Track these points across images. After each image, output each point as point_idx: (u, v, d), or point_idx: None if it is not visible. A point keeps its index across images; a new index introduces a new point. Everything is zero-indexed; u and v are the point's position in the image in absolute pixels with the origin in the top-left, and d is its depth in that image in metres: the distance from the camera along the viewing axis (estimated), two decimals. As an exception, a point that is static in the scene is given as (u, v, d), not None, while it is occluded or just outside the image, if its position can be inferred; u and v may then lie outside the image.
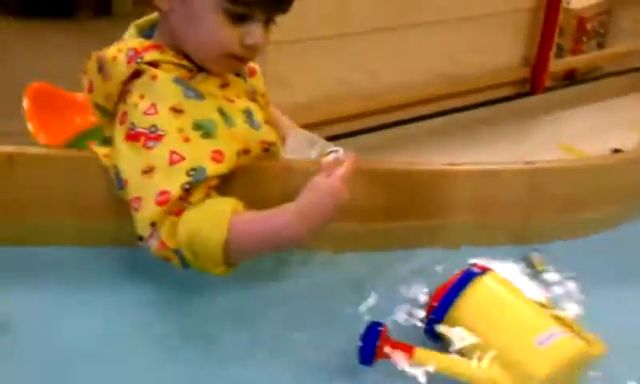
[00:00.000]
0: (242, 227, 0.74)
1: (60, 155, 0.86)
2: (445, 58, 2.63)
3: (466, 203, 0.89)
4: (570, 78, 3.21)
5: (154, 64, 0.81)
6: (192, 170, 0.76)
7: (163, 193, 0.75)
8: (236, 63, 0.85)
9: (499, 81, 2.80)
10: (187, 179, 0.75)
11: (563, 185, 0.93)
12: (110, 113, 0.85)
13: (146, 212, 0.75)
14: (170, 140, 0.77)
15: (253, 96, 0.91)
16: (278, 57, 2.12)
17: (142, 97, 0.79)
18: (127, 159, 0.78)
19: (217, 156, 0.78)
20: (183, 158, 0.76)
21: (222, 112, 0.82)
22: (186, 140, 0.78)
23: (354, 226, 0.87)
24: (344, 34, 2.33)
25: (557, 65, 3.00)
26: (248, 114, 0.86)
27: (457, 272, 0.77)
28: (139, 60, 0.80)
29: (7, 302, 0.76)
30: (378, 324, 0.71)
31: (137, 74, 0.81)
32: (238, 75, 0.90)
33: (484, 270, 0.76)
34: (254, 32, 0.81)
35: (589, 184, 0.94)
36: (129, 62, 0.80)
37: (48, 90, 1.46)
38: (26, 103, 1.38)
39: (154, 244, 0.75)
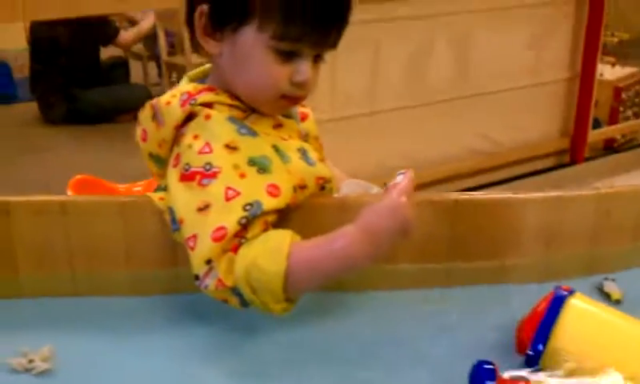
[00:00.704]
0: (301, 255, 0.71)
1: (113, 201, 0.84)
2: (482, 131, 2.63)
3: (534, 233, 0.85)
4: (609, 147, 3.18)
5: (207, 105, 0.81)
6: (248, 204, 0.74)
7: (219, 229, 0.72)
8: (287, 103, 0.84)
9: (539, 153, 2.79)
10: (243, 214, 0.73)
11: (633, 210, 0.88)
12: (163, 161, 0.84)
13: (202, 249, 0.73)
14: (225, 176, 0.75)
15: (305, 138, 0.90)
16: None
17: (195, 137, 0.79)
18: (182, 199, 0.77)
19: (273, 190, 0.76)
20: (239, 194, 0.74)
21: (276, 148, 0.81)
22: (242, 176, 0.76)
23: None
24: (375, 112, 2.36)
25: (595, 135, 2.98)
26: (302, 151, 0.84)
27: (540, 300, 0.70)
28: (193, 102, 0.80)
29: (64, 352, 0.73)
30: (487, 362, 0.63)
31: (191, 117, 0.80)
32: (289, 117, 0.89)
33: (570, 291, 0.70)
34: (302, 69, 0.79)
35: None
36: (182, 105, 0.80)
37: (90, 181, 1.49)
38: (69, 193, 1.41)
39: (211, 283, 0.72)
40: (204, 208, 0.74)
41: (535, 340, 0.67)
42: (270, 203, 0.75)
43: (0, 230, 0.80)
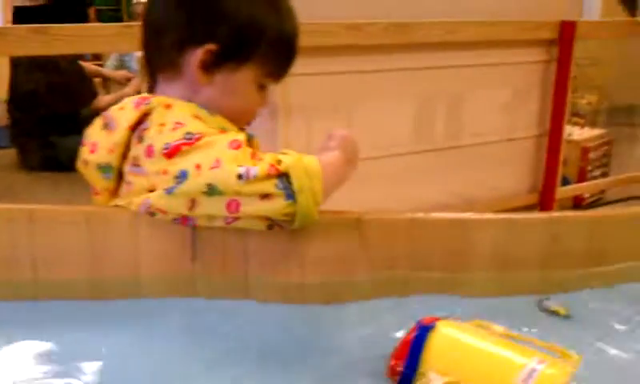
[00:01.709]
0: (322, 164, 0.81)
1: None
2: (458, 181, 2.69)
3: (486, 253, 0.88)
4: (578, 204, 3.26)
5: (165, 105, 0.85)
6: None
7: (234, 141, 0.79)
8: (247, 125, 0.95)
9: (509, 205, 2.84)
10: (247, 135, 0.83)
11: (582, 237, 0.92)
12: (113, 170, 0.87)
13: (229, 158, 0.76)
14: (209, 135, 0.80)
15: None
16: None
17: (162, 125, 0.82)
18: (181, 165, 0.78)
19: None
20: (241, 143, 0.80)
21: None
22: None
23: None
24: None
25: (563, 192, 3.05)
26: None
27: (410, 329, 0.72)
28: (147, 102, 0.85)
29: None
30: None
31: (147, 116, 0.84)
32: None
33: (435, 321, 0.72)
34: (266, 96, 0.95)
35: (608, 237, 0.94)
36: (136, 107, 0.85)
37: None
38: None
39: (259, 170, 0.76)
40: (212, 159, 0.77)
41: (405, 369, 0.69)
42: None
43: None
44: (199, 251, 0.83)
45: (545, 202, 2.92)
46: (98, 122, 0.88)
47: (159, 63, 0.92)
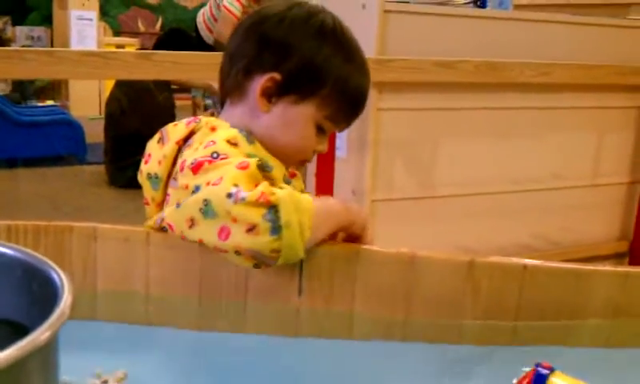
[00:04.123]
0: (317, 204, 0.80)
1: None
2: (542, 223, 2.63)
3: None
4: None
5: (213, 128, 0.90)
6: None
7: (243, 161, 0.79)
8: (302, 163, 0.99)
9: (596, 252, 2.76)
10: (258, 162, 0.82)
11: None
12: (160, 180, 0.90)
13: (230, 176, 0.76)
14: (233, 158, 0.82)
15: None
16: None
17: (200, 143, 0.86)
18: (198, 181, 0.80)
19: None
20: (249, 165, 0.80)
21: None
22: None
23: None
24: (428, 197, 2.40)
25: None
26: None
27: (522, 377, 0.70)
28: (197, 121, 0.90)
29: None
30: None
31: (192, 136, 0.90)
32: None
33: (550, 369, 0.69)
34: (325, 142, 0.98)
35: None
36: (187, 125, 0.91)
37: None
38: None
39: (248, 195, 0.74)
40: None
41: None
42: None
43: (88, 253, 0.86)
44: (305, 284, 0.84)
45: (635, 251, 2.81)
46: (156, 136, 0.93)
47: (228, 88, 0.98)
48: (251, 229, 0.73)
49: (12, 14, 7.93)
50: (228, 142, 0.85)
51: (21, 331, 0.47)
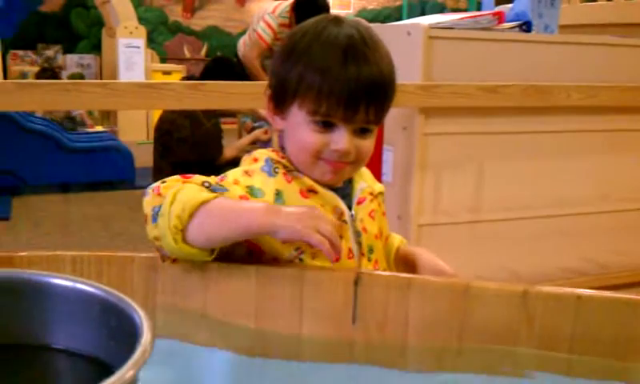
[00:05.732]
0: (219, 201, 0.88)
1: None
2: (591, 247, 2.59)
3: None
4: None
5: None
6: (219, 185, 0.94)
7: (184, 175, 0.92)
8: (329, 166, 0.97)
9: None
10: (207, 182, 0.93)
11: None
12: None
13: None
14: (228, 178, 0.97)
15: (339, 216, 0.99)
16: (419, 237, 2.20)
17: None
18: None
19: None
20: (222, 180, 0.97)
21: (278, 193, 0.96)
22: (235, 183, 0.96)
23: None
24: (477, 221, 2.39)
25: None
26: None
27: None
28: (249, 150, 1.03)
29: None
30: None
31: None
32: (332, 191, 1.00)
33: None
34: (336, 138, 0.95)
35: None
36: (249, 155, 1.04)
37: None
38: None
39: (149, 189, 0.89)
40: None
41: None
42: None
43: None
44: (359, 312, 0.86)
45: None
46: None
47: None
48: (145, 219, 0.88)
49: (62, 42, 8.21)
50: (245, 172, 0.98)
51: (96, 364, 0.50)
